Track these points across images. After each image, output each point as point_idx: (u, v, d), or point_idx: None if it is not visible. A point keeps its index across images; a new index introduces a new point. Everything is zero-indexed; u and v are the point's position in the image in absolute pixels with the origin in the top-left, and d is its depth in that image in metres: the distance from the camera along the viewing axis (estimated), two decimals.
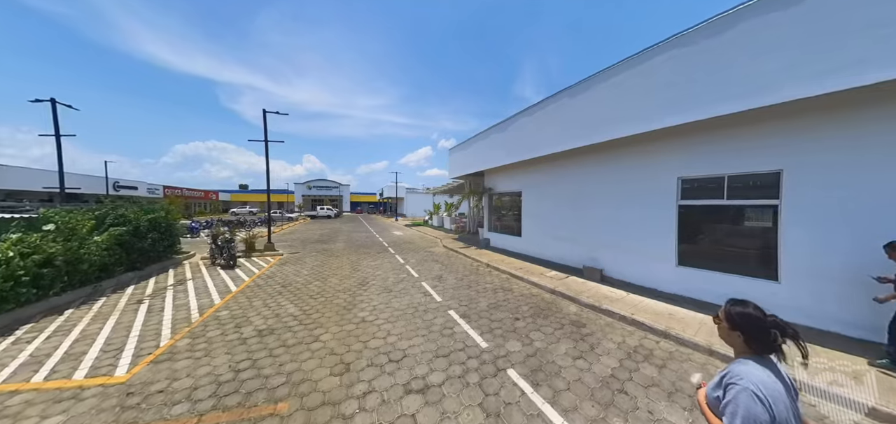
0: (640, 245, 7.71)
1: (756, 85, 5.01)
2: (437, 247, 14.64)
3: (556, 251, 10.27)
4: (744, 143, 5.93)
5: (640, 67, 6.70)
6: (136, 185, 35.90)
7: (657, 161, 7.40)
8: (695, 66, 5.81)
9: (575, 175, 9.59)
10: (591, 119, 7.89)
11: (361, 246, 15.19)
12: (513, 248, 12.45)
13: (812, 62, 4.42)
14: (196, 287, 8.02)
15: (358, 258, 11.70)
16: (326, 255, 12.30)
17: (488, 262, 10.48)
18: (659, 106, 6.39)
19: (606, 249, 8.58)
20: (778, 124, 5.48)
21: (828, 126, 4.94)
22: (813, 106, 4.86)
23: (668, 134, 6.86)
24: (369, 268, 9.79)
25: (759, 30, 4.95)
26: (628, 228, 8.00)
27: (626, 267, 8.06)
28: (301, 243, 16.29)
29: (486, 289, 7.54)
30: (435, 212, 25.98)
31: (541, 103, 9.63)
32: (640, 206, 7.75)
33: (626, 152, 8.00)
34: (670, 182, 7.15)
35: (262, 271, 9.73)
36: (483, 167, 13.77)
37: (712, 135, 6.33)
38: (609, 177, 8.52)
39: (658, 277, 7.39)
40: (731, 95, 5.30)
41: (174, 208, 11.93)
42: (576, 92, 8.35)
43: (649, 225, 7.53)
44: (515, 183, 12.51)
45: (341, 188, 68.18)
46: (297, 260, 11.29)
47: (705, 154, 6.52)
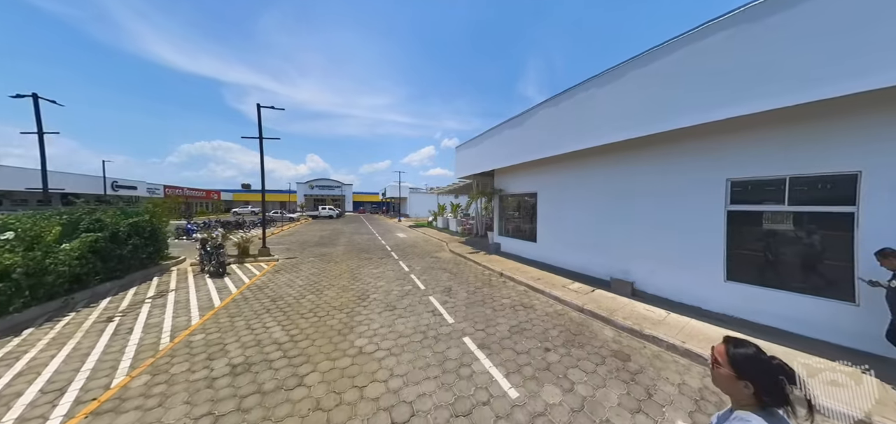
0: (680, 256, 6.72)
1: (848, 67, 4.01)
2: (444, 252, 13.69)
3: (578, 259, 9.28)
4: (812, 140, 4.96)
5: (697, 44, 5.68)
6: (135, 185, 35.34)
7: (702, 159, 6.40)
8: (773, 44, 4.76)
9: (602, 175, 8.58)
10: (634, 109, 6.86)
11: (363, 250, 14.29)
12: (527, 255, 11.47)
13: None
14: (177, 300, 7.14)
15: (359, 264, 10.79)
16: (325, 261, 11.40)
17: (502, 271, 9.51)
18: (726, 92, 5.35)
19: (639, 260, 7.57)
20: (858, 118, 4.49)
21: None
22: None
23: (715, 129, 5.88)
24: (371, 278, 8.86)
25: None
26: (666, 236, 7.00)
27: (663, 281, 7.06)
28: (299, 246, 15.42)
29: (503, 306, 6.57)
30: (440, 214, 25.01)
31: (565, 93, 8.62)
32: (680, 211, 6.75)
33: (664, 150, 7.00)
34: (717, 184, 6.16)
35: (252, 280, 8.84)
36: (493, 166, 12.79)
37: (770, 130, 5.38)
38: (643, 178, 7.52)
39: (702, 293, 6.40)
40: (816, 79, 4.29)
41: (160, 210, 11.10)
42: (609, 79, 7.34)
43: (691, 233, 6.53)
44: (530, 183, 11.52)
45: (344, 188, 67.53)
46: (293, 267, 10.39)
47: (761, 152, 5.56)
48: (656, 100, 6.41)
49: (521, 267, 10.08)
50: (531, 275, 9.01)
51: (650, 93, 6.52)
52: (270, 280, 8.82)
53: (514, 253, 12.07)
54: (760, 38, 4.85)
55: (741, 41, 5.07)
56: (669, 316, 6.13)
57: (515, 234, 12.67)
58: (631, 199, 7.82)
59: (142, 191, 36.78)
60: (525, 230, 12.11)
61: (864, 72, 3.89)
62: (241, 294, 7.51)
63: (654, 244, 7.25)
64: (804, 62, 4.40)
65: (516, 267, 10.18)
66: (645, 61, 6.54)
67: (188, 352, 4.59)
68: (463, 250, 13.42)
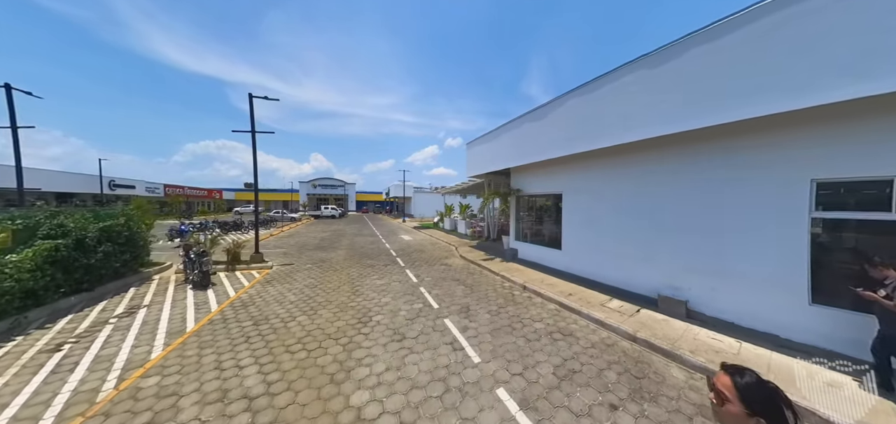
0: (750, 272, 5.48)
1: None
2: (454, 258, 12.48)
3: (614, 272, 8.02)
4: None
5: (793, 8, 4.40)
6: (133, 184, 34.50)
7: (778, 155, 5.17)
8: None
9: (645, 173, 7.31)
10: (697, 94, 5.59)
11: (366, 255, 13.11)
12: (549, 263, 10.22)
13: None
14: (145, 321, 6.02)
15: (361, 273, 9.60)
16: (323, 269, 10.24)
17: (525, 284, 8.28)
18: (830, 69, 4.10)
19: (694, 275, 6.31)
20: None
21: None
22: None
23: (798, 119, 4.66)
24: (374, 292, 7.67)
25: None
26: (730, 248, 5.74)
27: (727, 301, 5.80)
28: (298, 250, 14.28)
29: (537, 334, 5.35)
30: (447, 215, 23.78)
31: (606, 78, 7.34)
32: (749, 218, 5.50)
33: (729, 144, 5.74)
34: (799, 186, 4.96)
35: (239, 293, 7.70)
36: (510, 164, 11.55)
37: (870, 121, 4.14)
38: (700, 175, 6.25)
39: (780, 319, 5.17)
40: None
41: (140, 212, 10.02)
42: (664, 58, 6.06)
43: (763, 245, 5.31)
44: (554, 182, 10.25)
45: (347, 187, 66.57)
46: (287, 277, 9.24)
47: (859, 147, 4.35)
48: (728, 80, 5.14)
49: (546, 279, 8.84)
50: (560, 290, 7.77)
51: (719, 74, 5.26)
52: (259, 293, 7.66)
53: (534, 262, 10.82)
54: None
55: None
56: (743, 347, 4.93)
57: (535, 240, 11.42)
58: (684, 202, 6.56)
59: (140, 190, 35.94)
60: (547, 235, 10.86)
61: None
62: (220, 313, 6.35)
63: (714, 256, 5.99)
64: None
65: (539, 278, 8.94)
66: (714, 35, 5.28)
67: (129, 410, 3.42)
68: (475, 256, 12.20)
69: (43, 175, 24.57)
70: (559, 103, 8.75)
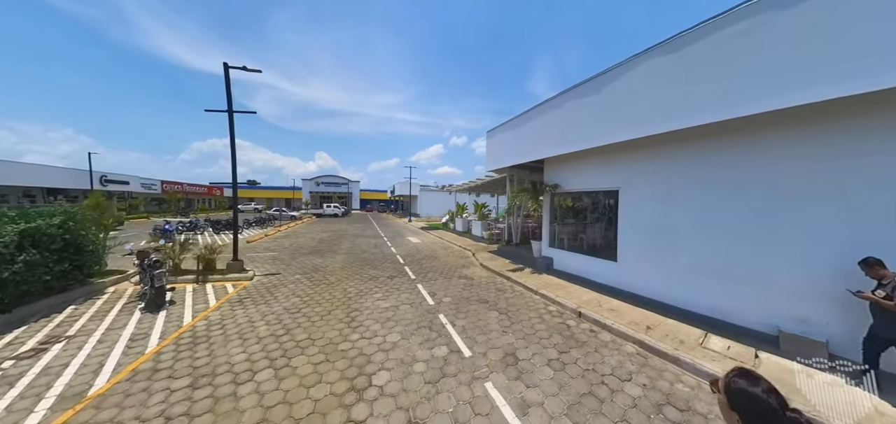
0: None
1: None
2: (474, 267, 10.42)
3: (696, 293, 5.92)
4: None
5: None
6: (127, 180, 32.94)
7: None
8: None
9: (755, 162, 5.19)
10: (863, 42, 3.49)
11: (368, 261, 11.10)
12: (597, 277, 8.13)
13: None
14: (46, 367, 4.11)
15: (361, 288, 7.59)
16: (315, 282, 8.24)
17: (579, 310, 6.19)
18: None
19: (835, 305, 4.22)
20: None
21: None
22: None
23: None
24: (376, 321, 5.65)
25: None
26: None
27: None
28: (290, 254, 12.33)
29: (643, 409, 3.28)
30: (458, 214, 21.69)
31: (707, 26, 5.21)
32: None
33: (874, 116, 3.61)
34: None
35: (197, 318, 5.75)
36: (545, 153, 9.45)
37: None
38: (836, 164, 4.15)
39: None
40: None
41: (94, 211, 8.17)
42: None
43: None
44: (607, 175, 8.13)
45: (350, 185, 64.83)
46: (267, 293, 7.26)
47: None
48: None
49: (602, 300, 6.75)
50: (630, 320, 5.68)
51: None
52: (222, 320, 5.68)
53: (575, 275, 8.73)
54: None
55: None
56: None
57: (575, 247, 9.32)
58: (821, 200, 4.44)
59: (135, 185, 34.42)
60: (594, 242, 8.75)
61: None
62: (154, 357, 4.38)
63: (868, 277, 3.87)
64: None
65: (593, 299, 6.85)
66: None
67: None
68: (499, 265, 10.13)
69: (22, 169, 23.06)
70: (627, 69, 6.62)
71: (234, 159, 9.00)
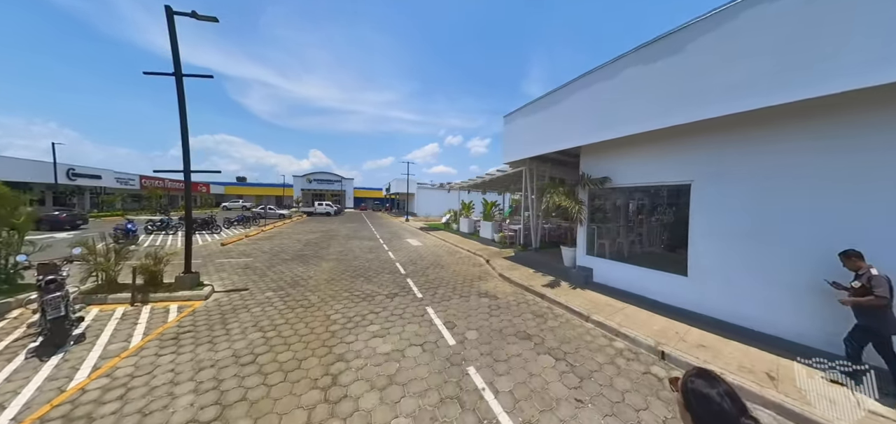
0: None
1: None
2: (492, 279, 8.50)
3: (824, 323, 4.08)
4: None
5: None
6: (99, 174, 30.20)
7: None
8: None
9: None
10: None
11: (361, 272, 9.11)
12: (658, 295, 6.29)
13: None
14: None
15: (350, 315, 5.61)
16: (290, 303, 6.23)
17: (661, 348, 4.32)
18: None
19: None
20: None
21: None
22: None
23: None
24: (372, 384, 3.68)
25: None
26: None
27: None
28: (267, 261, 10.27)
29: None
30: (463, 214, 19.70)
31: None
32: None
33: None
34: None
35: (99, 371, 3.74)
36: (584, 140, 7.58)
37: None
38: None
39: None
40: None
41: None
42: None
43: None
44: (672, 166, 6.29)
45: (344, 182, 62.37)
46: (219, 323, 5.23)
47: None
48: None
49: (675, 327, 4.93)
50: (737, 362, 3.88)
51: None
52: (133, 375, 3.68)
53: (627, 291, 6.89)
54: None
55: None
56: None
57: (624, 256, 7.48)
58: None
59: (109, 180, 31.68)
60: (653, 251, 6.92)
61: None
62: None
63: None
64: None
65: (663, 326, 5.00)
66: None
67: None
68: (522, 276, 8.24)
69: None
70: (723, 20, 4.75)
71: (185, 138, 6.90)
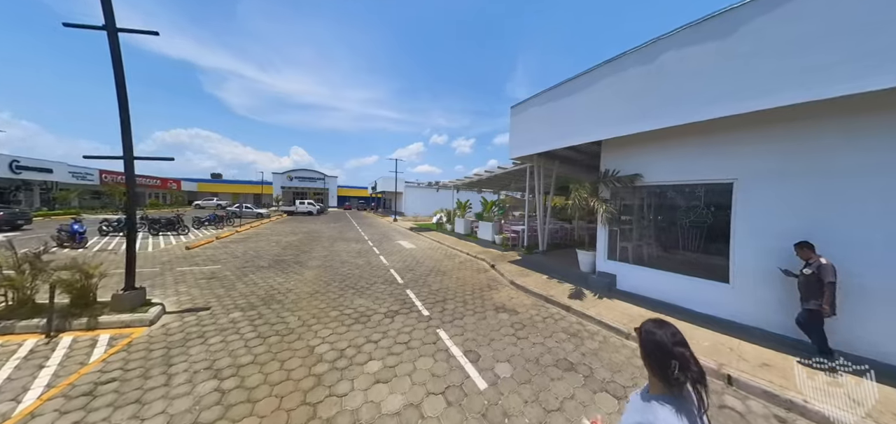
0: None
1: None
2: (504, 288, 7.45)
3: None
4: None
5: None
6: (49, 167, 27.06)
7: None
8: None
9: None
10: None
11: (350, 281, 7.85)
12: (694, 304, 5.52)
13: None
14: None
15: (340, 345, 4.40)
16: (261, 329, 4.93)
17: (726, 372, 3.39)
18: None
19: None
20: None
21: None
22: None
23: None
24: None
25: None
26: None
27: None
28: (239, 268, 8.81)
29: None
30: (458, 213, 18.56)
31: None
32: None
33: None
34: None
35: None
36: (611, 133, 6.64)
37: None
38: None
39: None
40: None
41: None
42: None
43: None
44: (711, 162, 5.48)
45: (327, 180, 59.88)
46: (159, 365, 3.90)
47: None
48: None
49: (725, 342, 4.05)
50: (789, 380, 2.92)
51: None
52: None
53: (657, 299, 6.04)
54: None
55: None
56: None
57: (653, 261, 6.59)
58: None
59: (61, 174, 28.47)
60: (688, 257, 6.05)
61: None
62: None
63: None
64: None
65: (712, 341, 4.12)
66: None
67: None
68: (536, 284, 7.24)
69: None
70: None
71: (124, 115, 5.35)
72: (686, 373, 1.09)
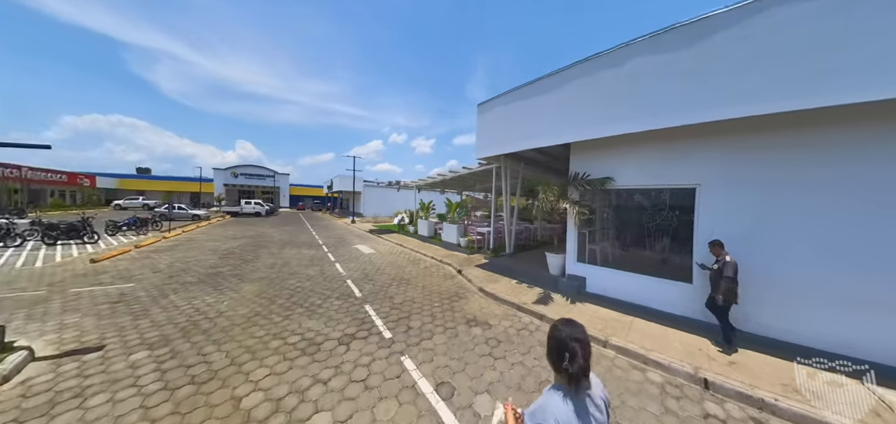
0: None
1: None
2: (473, 296, 6.95)
3: (840, 329, 3.55)
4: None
5: None
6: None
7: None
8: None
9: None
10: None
11: (299, 296, 6.83)
12: (660, 304, 5.70)
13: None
14: None
15: (279, 388, 3.53)
16: (173, 372, 3.85)
17: (702, 375, 3.35)
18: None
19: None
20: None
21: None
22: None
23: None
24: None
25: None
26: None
27: None
28: (158, 286, 7.26)
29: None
30: (422, 214, 17.76)
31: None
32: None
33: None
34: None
35: None
36: (581, 135, 6.44)
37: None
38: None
39: None
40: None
41: None
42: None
43: None
44: (675, 167, 5.63)
45: (278, 178, 55.39)
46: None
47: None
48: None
49: (700, 344, 4.07)
50: (780, 381, 2.91)
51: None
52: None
53: (625, 301, 6.01)
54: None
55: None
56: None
57: (619, 263, 6.53)
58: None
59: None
60: (653, 259, 6.05)
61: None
62: None
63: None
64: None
65: (684, 342, 4.09)
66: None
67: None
68: (506, 290, 6.86)
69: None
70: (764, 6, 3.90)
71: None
72: (574, 364, 1.22)
